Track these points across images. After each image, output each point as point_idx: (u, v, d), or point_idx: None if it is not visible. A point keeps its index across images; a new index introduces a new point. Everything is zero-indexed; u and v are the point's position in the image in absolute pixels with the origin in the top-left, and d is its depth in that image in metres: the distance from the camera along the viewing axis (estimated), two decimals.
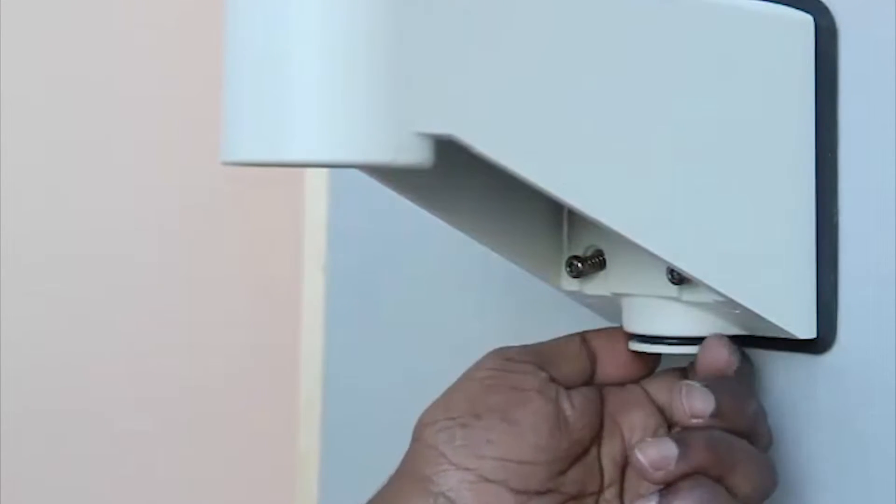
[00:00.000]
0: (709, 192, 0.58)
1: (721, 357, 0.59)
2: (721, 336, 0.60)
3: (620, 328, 0.63)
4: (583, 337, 0.62)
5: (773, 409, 0.64)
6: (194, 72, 1.02)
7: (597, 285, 0.64)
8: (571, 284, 0.65)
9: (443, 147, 0.49)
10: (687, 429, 0.57)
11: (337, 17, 0.47)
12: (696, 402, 0.56)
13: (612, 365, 0.62)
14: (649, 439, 0.57)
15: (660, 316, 0.61)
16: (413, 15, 0.48)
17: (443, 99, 0.49)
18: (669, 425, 0.61)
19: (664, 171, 0.56)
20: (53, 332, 1.00)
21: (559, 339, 0.62)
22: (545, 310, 0.74)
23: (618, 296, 0.63)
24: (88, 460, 1.01)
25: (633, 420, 0.61)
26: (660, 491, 0.55)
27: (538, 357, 0.60)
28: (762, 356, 0.64)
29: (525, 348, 0.61)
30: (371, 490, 0.60)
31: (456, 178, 0.60)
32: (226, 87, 0.50)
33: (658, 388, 0.62)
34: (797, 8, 0.62)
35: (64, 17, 1.01)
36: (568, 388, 0.60)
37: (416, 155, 0.48)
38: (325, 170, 0.95)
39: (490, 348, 0.62)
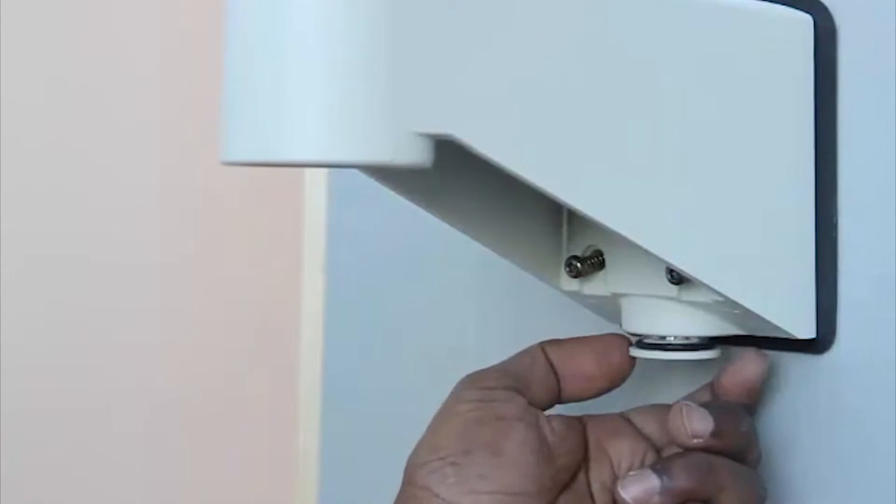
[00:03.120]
0: (708, 191, 0.58)
1: (757, 371, 0.60)
2: (761, 352, 0.61)
3: (579, 340, 0.63)
4: (545, 353, 0.62)
5: (773, 409, 0.64)
6: (194, 72, 1.02)
7: (596, 285, 0.64)
8: (571, 284, 0.65)
9: (443, 147, 0.49)
10: (668, 457, 0.58)
11: (336, 18, 0.47)
12: (696, 423, 0.57)
13: (574, 380, 0.62)
14: (632, 473, 0.57)
15: (659, 316, 0.61)
16: (412, 15, 0.48)
17: (442, 99, 0.49)
18: (658, 451, 0.61)
19: (663, 171, 0.56)
20: (53, 332, 1.00)
21: (523, 356, 0.62)
22: (545, 310, 0.74)
23: (617, 296, 0.63)
24: (88, 460, 1.01)
25: (620, 447, 0.61)
26: None
27: (514, 381, 0.60)
28: None
29: (498, 372, 0.60)
30: (370, 491, 0.60)
31: (456, 178, 0.60)
32: (225, 87, 0.50)
33: (644, 419, 0.62)
34: (797, 8, 0.62)
35: (64, 18, 1.01)
36: (542, 408, 0.60)
37: (416, 155, 0.48)
38: (325, 170, 0.95)
39: (489, 348, 0.62)
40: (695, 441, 0.57)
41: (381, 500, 0.60)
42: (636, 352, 0.62)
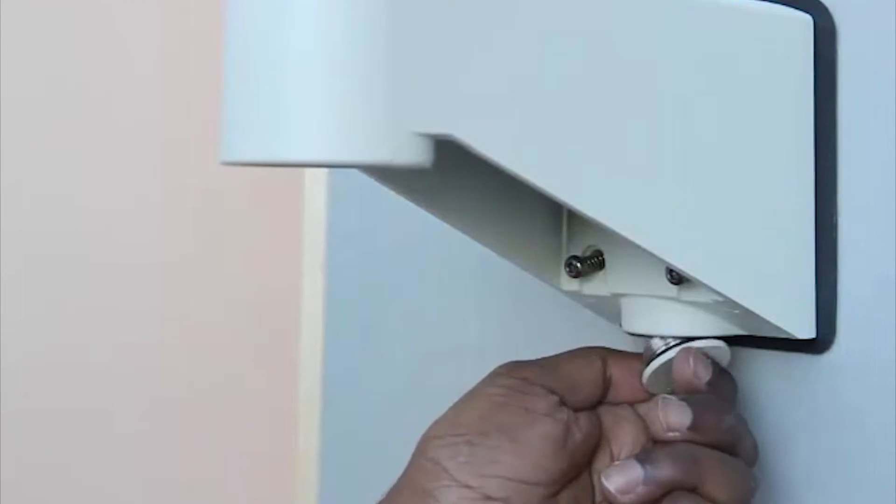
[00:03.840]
0: (708, 192, 0.58)
1: (686, 370, 0.59)
2: (689, 350, 0.60)
3: (637, 356, 0.62)
4: (604, 361, 0.62)
5: (773, 409, 0.64)
6: (194, 72, 1.02)
7: (596, 285, 0.64)
8: (570, 284, 0.65)
9: (443, 147, 0.49)
10: (654, 445, 0.58)
11: (336, 18, 0.47)
12: (671, 416, 0.57)
13: (625, 392, 0.62)
14: (616, 463, 0.58)
15: (659, 316, 0.61)
16: (412, 15, 0.48)
17: (442, 99, 0.49)
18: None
19: (663, 171, 0.56)
20: (53, 332, 1.00)
21: (579, 358, 0.62)
22: (545, 310, 0.74)
23: (617, 296, 0.63)
24: (88, 460, 1.01)
25: (622, 436, 0.61)
26: None
27: (555, 380, 0.60)
28: (762, 356, 0.64)
29: (542, 368, 0.60)
30: (370, 491, 0.60)
31: (456, 178, 0.60)
32: (225, 87, 0.50)
33: (646, 405, 0.61)
34: (796, 8, 0.62)
35: (64, 18, 1.01)
36: (577, 409, 0.60)
37: (415, 155, 0.48)
38: (325, 170, 0.95)
39: (489, 348, 0.62)
40: (670, 434, 0.57)
41: None
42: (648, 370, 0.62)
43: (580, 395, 0.60)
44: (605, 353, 0.62)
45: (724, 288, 0.58)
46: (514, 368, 0.60)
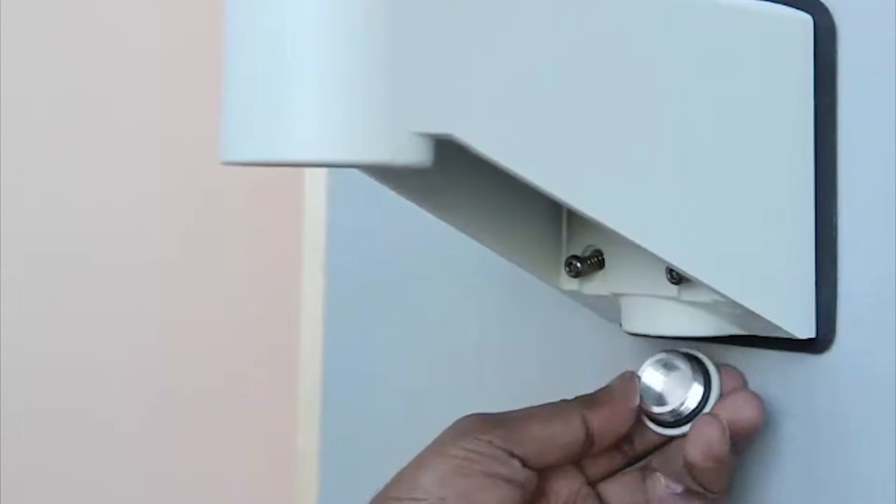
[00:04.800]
0: (708, 191, 0.58)
1: (755, 416, 0.61)
2: (754, 394, 0.61)
3: (611, 395, 0.62)
4: (583, 417, 0.61)
5: (773, 409, 0.64)
6: (194, 72, 1.02)
7: (596, 285, 0.64)
8: (570, 284, 0.65)
9: (443, 147, 0.49)
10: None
11: (336, 17, 0.47)
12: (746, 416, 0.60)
13: (609, 438, 0.62)
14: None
15: (659, 316, 0.61)
16: (412, 15, 0.48)
17: (442, 99, 0.49)
18: (590, 484, 0.63)
19: (663, 171, 0.56)
20: (53, 332, 1.00)
21: (556, 418, 0.61)
22: (545, 310, 0.74)
23: (617, 295, 0.63)
24: (88, 460, 1.01)
25: (559, 485, 0.62)
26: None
27: (521, 444, 0.60)
28: (762, 356, 0.64)
29: (510, 431, 0.60)
30: (370, 491, 0.60)
31: (456, 178, 0.60)
32: (225, 86, 0.50)
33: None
34: (796, 8, 0.62)
35: (64, 18, 1.01)
36: (551, 467, 0.61)
37: (415, 155, 0.48)
38: (325, 170, 0.95)
39: (489, 348, 0.62)
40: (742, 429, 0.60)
41: None
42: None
43: (549, 458, 0.61)
44: (585, 406, 0.62)
45: (724, 288, 0.58)
46: (480, 428, 0.60)
